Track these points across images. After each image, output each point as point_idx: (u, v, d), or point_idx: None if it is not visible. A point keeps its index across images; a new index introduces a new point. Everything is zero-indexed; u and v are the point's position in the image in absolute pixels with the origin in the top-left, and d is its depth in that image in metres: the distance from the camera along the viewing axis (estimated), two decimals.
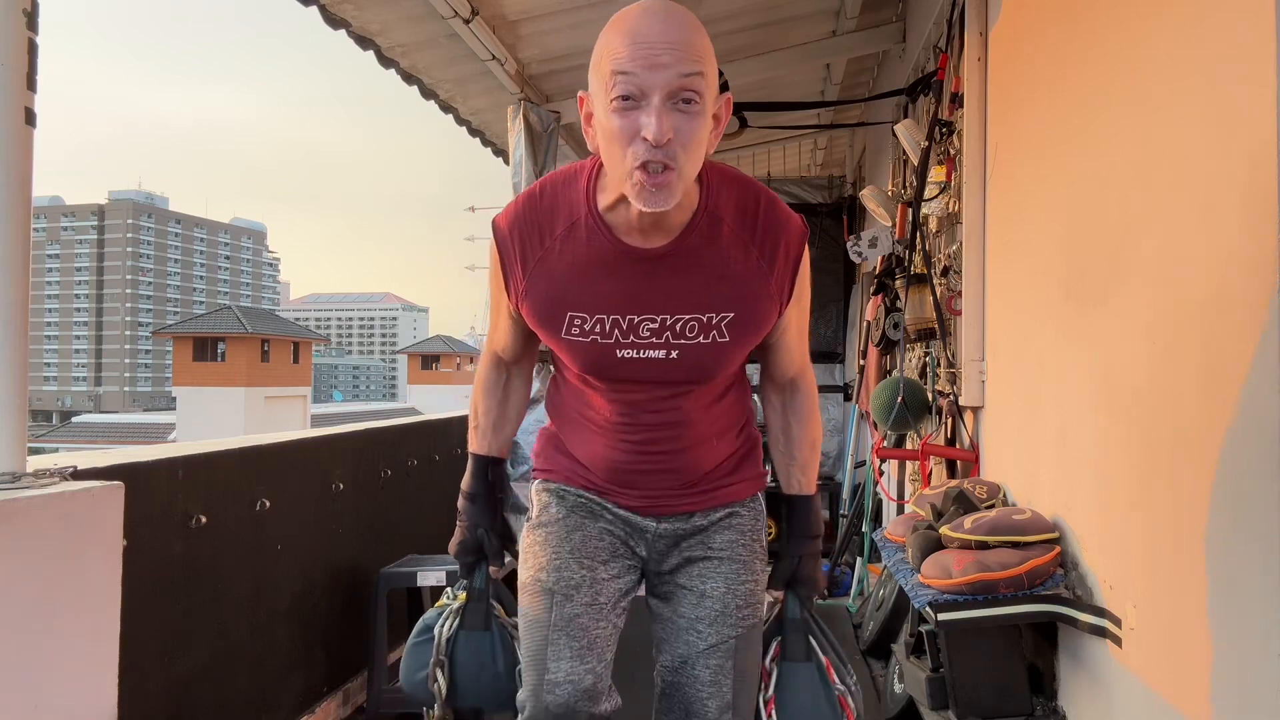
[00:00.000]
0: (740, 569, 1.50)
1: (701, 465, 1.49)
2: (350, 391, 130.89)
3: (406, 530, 3.57)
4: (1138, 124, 1.74)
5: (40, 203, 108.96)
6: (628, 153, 1.20)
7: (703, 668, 1.46)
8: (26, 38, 1.57)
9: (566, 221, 1.35)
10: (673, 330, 1.35)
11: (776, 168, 8.01)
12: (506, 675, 1.56)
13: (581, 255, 1.34)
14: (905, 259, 3.54)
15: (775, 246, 1.36)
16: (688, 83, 1.18)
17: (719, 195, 1.35)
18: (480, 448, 1.61)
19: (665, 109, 1.18)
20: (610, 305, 1.34)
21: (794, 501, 1.59)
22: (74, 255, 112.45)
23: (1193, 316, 1.51)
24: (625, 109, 1.19)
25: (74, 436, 39.24)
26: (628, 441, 1.46)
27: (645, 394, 1.42)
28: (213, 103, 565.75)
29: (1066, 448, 2.11)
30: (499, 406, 1.61)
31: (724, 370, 1.43)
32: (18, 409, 1.57)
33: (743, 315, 1.36)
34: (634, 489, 1.49)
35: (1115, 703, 1.82)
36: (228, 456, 2.50)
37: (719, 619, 1.47)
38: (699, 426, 1.46)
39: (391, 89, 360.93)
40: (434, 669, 1.56)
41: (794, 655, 1.54)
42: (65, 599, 1.52)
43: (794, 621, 1.56)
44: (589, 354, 1.38)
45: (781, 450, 1.59)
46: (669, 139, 1.18)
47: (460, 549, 1.60)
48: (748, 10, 4.34)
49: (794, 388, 1.56)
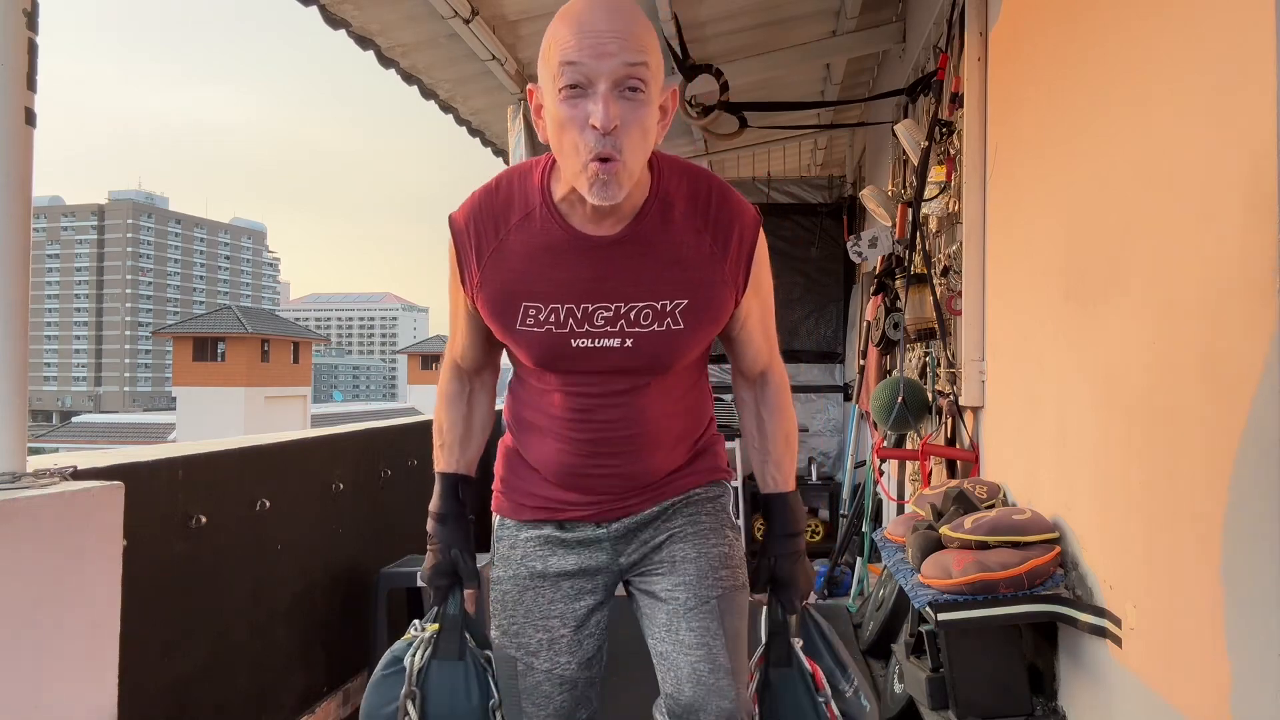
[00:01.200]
0: (707, 533, 1.48)
1: (654, 472, 1.47)
2: (350, 391, 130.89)
3: (406, 530, 3.57)
4: (1138, 124, 1.74)
5: (40, 203, 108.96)
6: (579, 142, 1.22)
7: (687, 631, 1.43)
8: (26, 38, 1.57)
9: (521, 211, 1.36)
10: (627, 318, 1.34)
11: (776, 168, 8.01)
12: (480, 709, 1.50)
13: (536, 244, 1.34)
14: (905, 259, 3.54)
15: (729, 233, 1.36)
16: (633, 71, 1.21)
17: (670, 182, 1.36)
18: (448, 466, 1.55)
19: (612, 97, 1.20)
20: (564, 294, 1.34)
21: (770, 500, 1.56)
22: (74, 255, 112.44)
23: (1193, 316, 1.51)
24: (573, 97, 1.21)
25: (74, 436, 39.24)
26: (580, 441, 1.43)
27: (601, 388, 1.40)
28: (213, 103, 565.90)
29: (1066, 448, 2.11)
30: (463, 422, 1.56)
31: (680, 359, 1.41)
32: (18, 409, 1.57)
33: (697, 302, 1.36)
34: (583, 492, 1.46)
35: (1115, 703, 1.82)
36: (228, 456, 2.50)
37: (696, 582, 1.45)
38: (653, 427, 1.44)
39: (391, 89, 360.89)
40: (404, 701, 1.48)
41: (776, 660, 1.52)
42: (65, 599, 1.52)
43: (775, 624, 1.53)
44: (544, 345, 1.36)
45: (756, 447, 1.56)
46: (616, 125, 1.20)
47: (434, 573, 1.53)
48: (748, 10, 4.34)
49: (764, 381, 1.54)
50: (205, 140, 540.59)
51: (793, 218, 6.58)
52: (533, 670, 1.45)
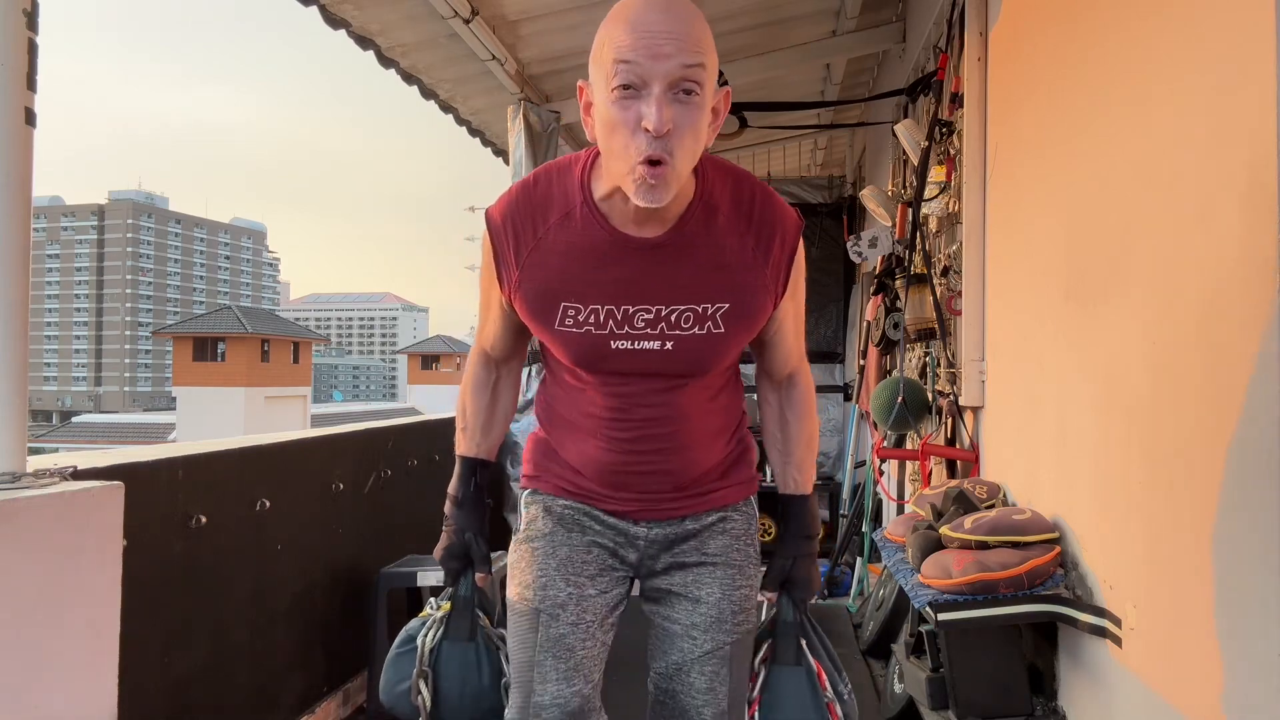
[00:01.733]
0: (735, 574, 1.48)
1: (694, 467, 1.46)
2: (350, 391, 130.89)
3: (406, 530, 3.57)
4: (1138, 124, 1.74)
5: (40, 203, 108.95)
6: (630, 144, 1.19)
7: (698, 675, 1.45)
8: (26, 38, 1.57)
9: (561, 210, 1.34)
10: (668, 321, 1.34)
11: (776, 168, 8.02)
12: (491, 688, 1.52)
13: (576, 244, 1.33)
14: (905, 259, 3.54)
15: (771, 238, 1.35)
16: (689, 73, 1.18)
17: (715, 185, 1.35)
18: (469, 450, 1.57)
19: (666, 99, 1.18)
20: (605, 295, 1.33)
21: (790, 501, 1.55)
22: (74, 255, 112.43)
23: (1193, 316, 1.51)
24: (626, 98, 1.19)
25: (74, 436, 39.24)
26: (620, 439, 1.42)
27: (639, 387, 1.39)
28: (213, 103, 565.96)
29: (1066, 448, 2.11)
30: (488, 408, 1.57)
31: (719, 363, 1.41)
32: (18, 409, 1.57)
33: (738, 306, 1.35)
34: (625, 491, 1.46)
35: (1115, 703, 1.82)
36: (228, 456, 2.50)
37: (714, 625, 1.45)
38: (693, 424, 1.43)
39: (391, 89, 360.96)
40: (417, 680, 1.50)
41: (784, 659, 1.52)
42: (65, 599, 1.52)
43: (786, 624, 1.53)
44: (582, 346, 1.36)
45: (779, 449, 1.56)
46: (669, 128, 1.17)
47: (446, 554, 1.55)
48: (748, 10, 4.34)
49: (791, 383, 1.54)
50: (205, 140, 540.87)
51: None
52: (558, 621, 1.43)
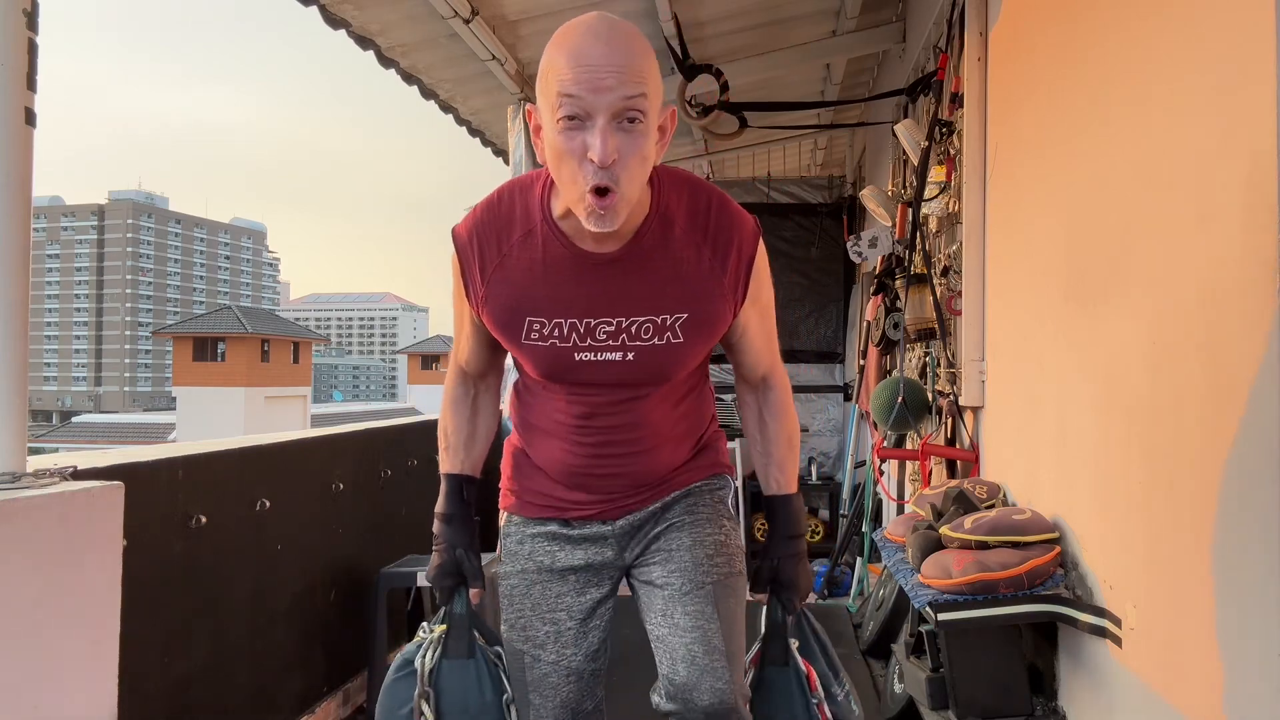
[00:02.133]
0: (703, 523, 1.51)
1: (656, 470, 1.51)
2: (350, 391, 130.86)
3: (406, 530, 3.57)
4: (1138, 124, 1.74)
5: (40, 203, 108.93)
6: (578, 173, 1.23)
7: (682, 615, 1.45)
8: (26, 38, 1.57)
9: (523, 229, 1.37)
10: (628, 332, 1.38)
11: (776, 168, 8.01)
12: (494, 704, 1.52)
13: (538, 261, 1.37)
14: (905, 259, 3.54)
15: (728, 246, 1.38)
16: (631, 104, 1.21)
17: (670, 197, 1.37)
18: (453, 467, 1.59)
19: (610, 129, 1.20)
20: (568, 310, 1.37)
21: (773, 502, 1.58)
22: (74, 255, 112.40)
23: (1193, 317, 1.51)
24: (571, 128, 1.22)
25: (74, 436, 39.23)
26: (585, 444, 1.47)
27: (604, 396, 1.43)
28: (213, 103, 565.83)
29: (1066, 448, 2.11)
30: (468, 424, 1.60)
31: (680, 371, 1.45)
32: (18, 409, 1.57)
33: (696, 316, 1.38)
34: (589, 492, 1.50)
35: (1115, 703, 1.82)
36: (228, 456, 2.50)
37: (692, 569, 1.47)
38: (655, 430, 1.48)
39: (391, 89, 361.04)
40: (419, 702, 1.50)
41: (773, 659, 1.54)
42: (65, 599, 1.52)
43: (774, 625, 1.55)
44: (548, 358, 1.40)
45: (759, 449, 1.59)
46: (614, 159, 1.20)
47: (439, 573, 1.55)
48: (748, 10, 4.34)
49: (766, 385, 1.57)
50: (205, 140, 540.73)
51: (793, 218, 6.58)
52: (539, 662, 1.49)
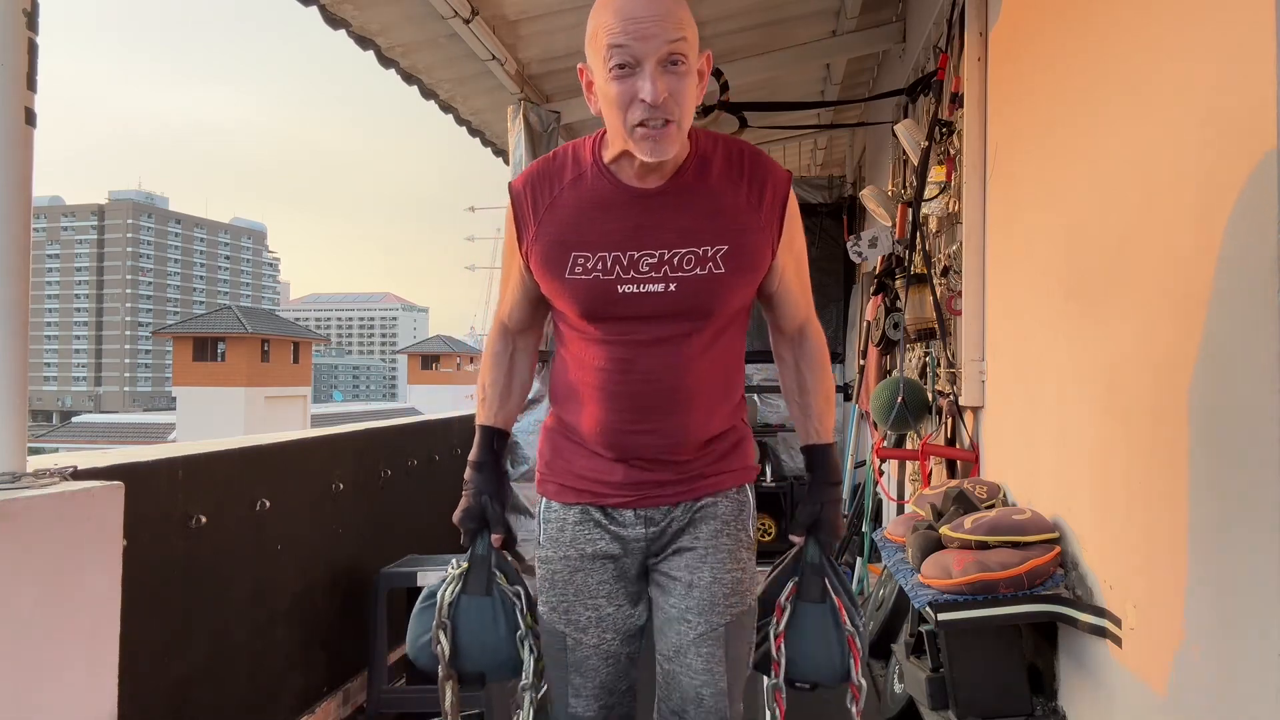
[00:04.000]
0: (725, 558, 1.55)
1: (691, 432, 1.53)
2: (350, 391, 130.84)
3: (406, 530, 3.57)
4: (1138, 124, 1.74)
5: (40, 203, 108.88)
6: (627, 115, 1.37)
7: (695, 656, 1.53)
8: (26, 38, 1.57)
9: (574, 172, 1.51)
10: (670, 264, 1.46)
11: None
12: (508, 639, 1.61)
13: (586, 198, 1.48)
14: (905, 259, 3.54)
15: (763, 185, 1.50)
16: (674, 47, 1.37)
17: (706, 145, 1.51)
18: (486, 419, 1.68)
19: (658, 72, 1.36)
20: (612, 243, 1.46)
21: (814, 451, 1.66)
22: (74, 255, 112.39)
23: (1193, 317, 1.51)
24: (622, 76, 1.37)
25: (74, 436, 39.22)
26: (623, 394, 1.50)
27: (644, 335, 1.48)
28: (213, 103, 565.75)
29: (1066, 448, 2.11)
30: (504, 378, 1.68)
31: (720, 305, 1.50)
32: (18, 409, 1.57)
33: (736, 248, 1.47)
34: (622, 459, 1.53)
35: (1115, 703, 1.82)
36: (228, 456, 2.50)
37: (708, 609, 1.53)
38: (692, 381, 1.51)
39: (391, 89, 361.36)
40: (436, 631, 1.60)
41: (809, 596, 1.61)
42: (65, 599, 1.52)
43: (812, 565, 1.63)
44: (591, 291, 1.47)
45: (797, 403, 1.67)
46: (665, 97, 1.35)
47: (465, 515, 1.64)
48: (748, 10, 4.34)
49: (803, 336, 1.64)
50: (205, 140, 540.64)
51: None
52: (581, 645, 1.56)
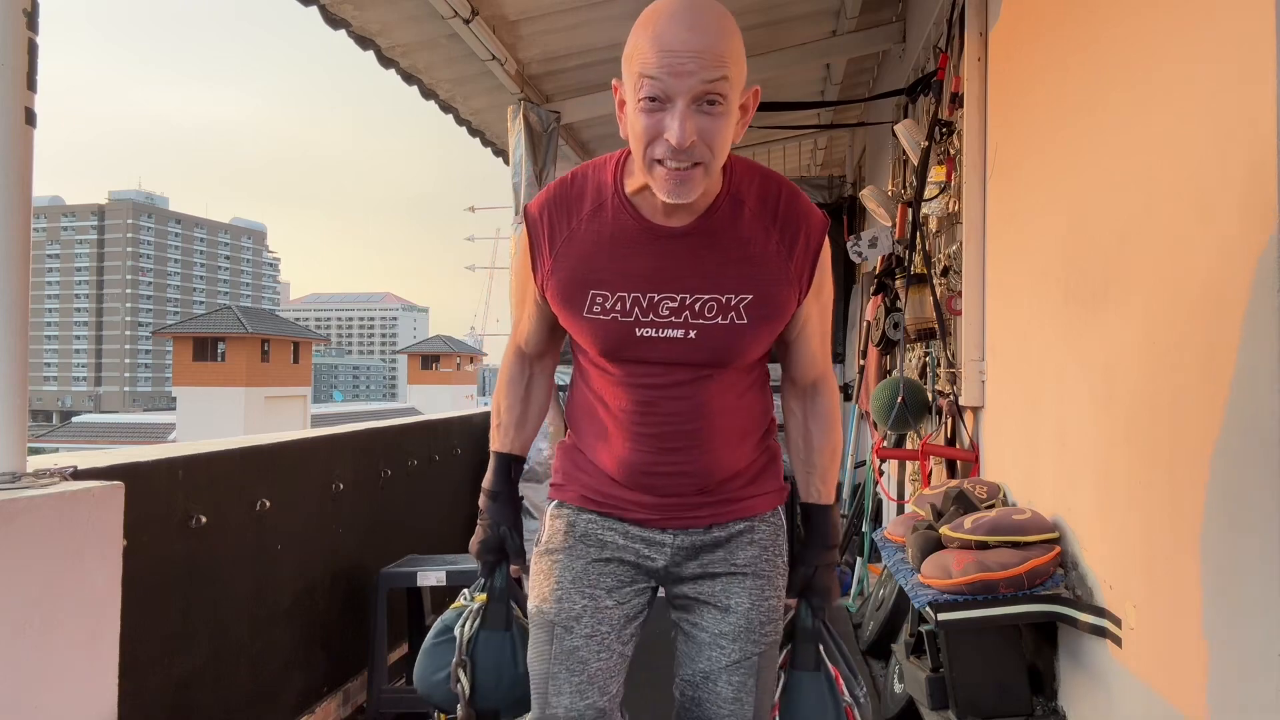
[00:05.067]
0: (764, 584, 1.49)
1: (720, 468, 1.46)
2: (350, 391, 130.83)
3: (406, 530, 3.57)
4: (1138, 124, 1.74)
5: (40, 203, 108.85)
6: (650, 150, 1.26)
7: (725, 684, 1.46)
8: (26, 38, 1.57)
9: (594, 202, 1.40)
10: (691, 309, 1.36)
11: (776, 168, 8.01)
12: (526, 676, 1.53)
13: (606, 233, 1.38)
14: (905, 259, 3.54)
15: (796, 233, 1.38)
16: (711, 87, 1.23)
17: (742, 182, 1.39)
18: (502, 446, 1.61)
19: (689, 112, 1.23)
20: (631, 283, 1.37)
21: (811, 511, 1.57)
22: (74, 255, 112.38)
23: (1193, 316, 1.51)
24: (652, 109, 1.24)
25: (74, 436, 39.22)
26: (646, 435, 1.43)
27: (664, 379, 1.40)
28: (213, 103, 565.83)
29: (1066, 448, 2.11)
30: (521, 404, 1.61)
31: (742, 356, 1.41)
32: (18, 409, 1.57)
33: (761, 297, 1.37)
34: (650, 494, 1.46)
35: (1115, 703, 1.82)
36: (228, 456, 2.50)
37: (743, 635, 1.46)
38: (718, 422, 1.44)
39: (391, 89, 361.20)
40: (456, 669, 1.56)
41: (804, 664, 1.54)
42: (65, 599, 1.52)
43: (805, 630, 1.55)
44: (609, 332, 1.39)
45: (801, 458, 1.57)
46: (693, 141, 1.23)
47: (482, 548, 1.59)
48: (748, 10, 4.34)
49: (815, 391, 1.55)
50: (205, 140, 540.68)
51: None
52: (571, 634, 1.46)
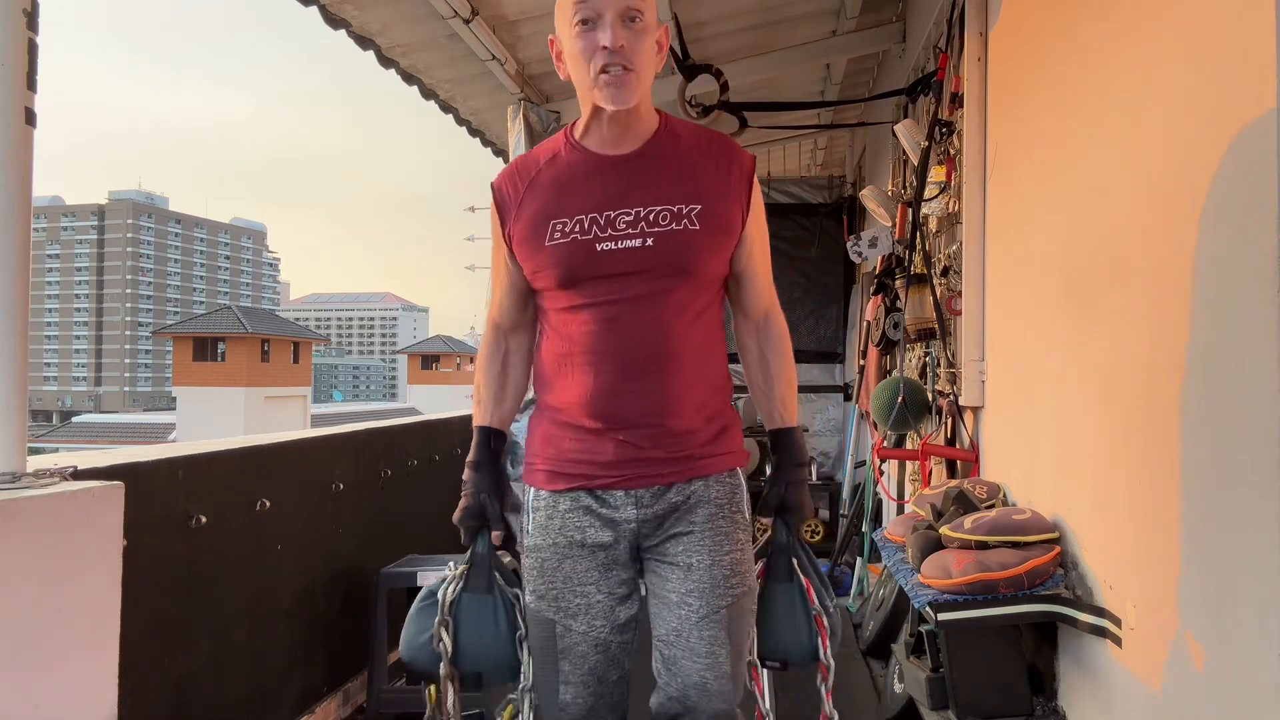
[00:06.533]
0: (722, 540, 1.56)
1: (674, 394, 1.54)
2: (350, 391, 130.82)
3: (406, 530, 3.57)
4: (1138, 124, 1.74)
5: (40, 203, 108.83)
6: (590, 64, 1.48)
7: (698, 639, 1.52)
8: (26, 38, 1.57)
9: (549, 155, 1.61)
10: (647, 220, 1.52)
11: (776, 168, 8.02)
12: (508, 639, 1.62)
13: (563, 174, 1.58)
14: (905, 259, 3.54)
15: (729, 160, 1.59)
16: (632, 4, 1.48)
17: (676, 124, 1.63)
18: (481, 419, 1.70)
19: (617, 24, 1.47)
20: (589, 206, 1.53)
21: (779, 435, 1.69)
22: (74, 255, 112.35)
23: (1193, 316, 1.51)
24: (585, 31, 1.49)
25: (74, 436, 39.22)
26: (609, 354, 1.53)
27: (625, 293, 1.52)
28: (213, 103, 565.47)
29: (1066, 448, 2.11)
30: (498, 380, 1.71)
31: (696, 261, 1.54)
32: (18, 409, 1.57)
33: (709, 208, 1.54)
34: (612, 427, 1.54)
35: (1115, 703, 1.82)
36: (228, 456, 2.50)
37: (709, 591, 1.53)
38: (676, 345, 1.54)
39: (391, 89, 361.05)
40: (439, 629, 1.62)
41: (778, 575, 1.66)
42: (65, 599, 1.52)
43: (780, 544, 1.67)
44: (570, 253, 1.52)
45: (761, 389, 1.70)
46: (622, 44, 1.47)
47: (464, 514, 1.66)
48: (748, 10, 4.34)
49: (767, 323, 1.68)
50: (205, 140, 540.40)
51: (793, 218, 6.58)
52: (570, 632, 1.56)
